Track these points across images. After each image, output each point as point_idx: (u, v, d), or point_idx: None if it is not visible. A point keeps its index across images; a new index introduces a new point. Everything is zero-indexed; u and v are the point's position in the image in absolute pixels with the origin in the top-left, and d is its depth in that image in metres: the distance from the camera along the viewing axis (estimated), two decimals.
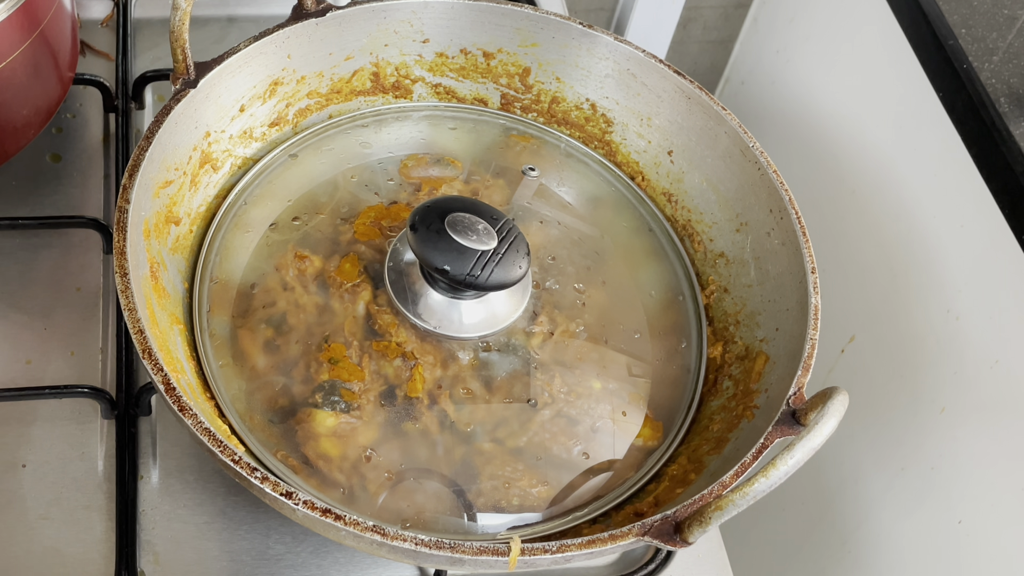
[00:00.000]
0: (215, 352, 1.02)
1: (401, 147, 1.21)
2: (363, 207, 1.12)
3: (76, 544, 0.98)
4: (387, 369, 1.01)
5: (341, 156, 1.19)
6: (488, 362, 1.05)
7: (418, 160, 1.20)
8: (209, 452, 0.82)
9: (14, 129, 1.11)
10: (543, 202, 1.18)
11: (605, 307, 1.12)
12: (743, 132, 1.11)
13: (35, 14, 1.07)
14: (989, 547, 1.30)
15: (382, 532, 0.80)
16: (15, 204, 1.18)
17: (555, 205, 1.18)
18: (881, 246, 1.51)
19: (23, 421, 1.04)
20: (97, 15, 1.38)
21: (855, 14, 1.61)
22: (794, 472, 0.79)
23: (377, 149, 1.20)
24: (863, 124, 1.58)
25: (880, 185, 1.52)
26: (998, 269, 1.28)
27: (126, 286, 0.88)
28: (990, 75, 1.29)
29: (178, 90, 1.03)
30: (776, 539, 1.76)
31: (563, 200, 1.19)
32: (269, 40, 1.10)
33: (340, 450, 0.98)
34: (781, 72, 1.85)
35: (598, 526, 0.98)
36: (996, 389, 1.28)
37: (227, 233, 1.10)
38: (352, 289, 1.05)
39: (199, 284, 1.05)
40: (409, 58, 1.21)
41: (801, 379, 0.93)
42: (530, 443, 1.01)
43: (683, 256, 1.17)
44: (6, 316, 1.10)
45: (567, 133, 1.24)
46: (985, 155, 1.27)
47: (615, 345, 1.10)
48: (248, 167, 1.14)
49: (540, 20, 1.18)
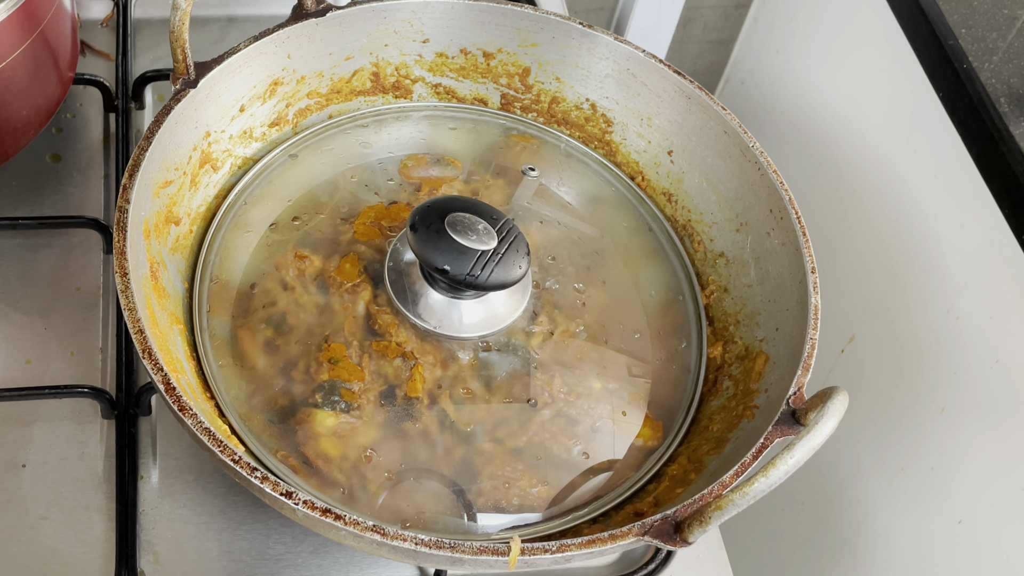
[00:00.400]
0: (215, 352, 1.02)
1: (401, 147, 1.21)
2: (363, 207, 1.12)
3: (76, 544, 0.98)
4: (387, 369, 1.01)
5: (341, 156, 1.19)
6: (488, 362, 1.05)
7: (418, 160, 1.20)
8: (209, 452, 0.82)
9: (14, 129, 1.11)
10: (543, 202, 1.18)
11: (605, 307, 1.12)
12: (743, 132, 1.11)
13: (35, 14, 1.07)
14: (989, 547, 1.31)
15: (382, 532, 0.80)
16: (15, 204, 1.18)
17: (555, 205, 1.18)
18: (881, 246, 1.51)
19: (23, 421, 1.04)
20: (97, 15, 1.38)
21: (855, 14, 1.61)
22: (794, 472, 0.78)
23: (377, 149, 1.20)
24: (863, 124, 1.58)
25: (880, 185, 1.52)
26: (998, 269, 1.28)
27: (126, 286, 0.88)
28: (990, 75, 1.29)
29: (178, 90, 1.03)
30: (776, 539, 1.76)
31: (563, 200, 1.19)
32: (269, 40, 1.10)
33: (340, 450, 0.98)
34: (781, 72, 1.85)
35: (598, 526, 0.98)
36: (996, 389, 1.28)
37: (227, 233, 1.10)
38: (352, 289, 1.05)
39: (199, 284, 1.05)
40: (409, 58, 1.21)
41: (801, 379, 0.93)
42: (530, 443, 1.01)
43: (683, 256, 1.17)
44: (6, 316, 1.10)
45: (567, 133, 1.24)
46: (985, 155, 1.27)
47: (615, 345, 1.09)
48: (248, 167, 1.14)
49: (540, 20, 1.18)
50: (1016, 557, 1.26)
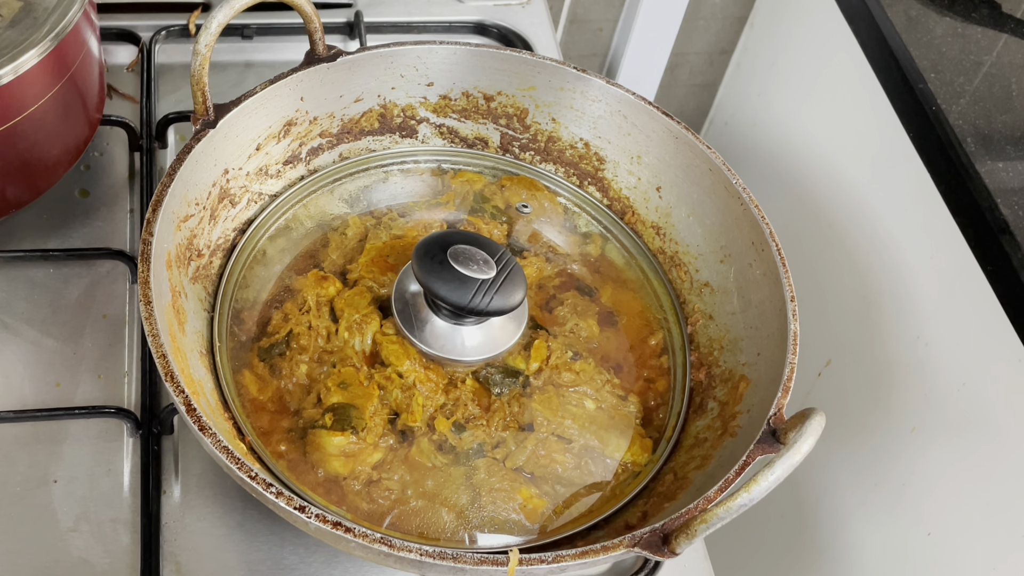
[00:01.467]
0: (233, 374, 1.03)
1: (407, 188, 1.21)
2: (371, 242, 1.13)
3: (103, 555, 0.98)
4: (393, 392, 1.02)
5: (351, 194, 1.19)
6: (487, 385, 1.05)
7: (422, 199, 1.20)
8: (227, 469, 0.82)
9: (45, 167, 1.12)
10: (538, 236, 1.18)
11: (597, 334, 1.13)
12: (727, 169, 1.11)
13: (65, 59, 1.07)
14: (956, 558, 1.31)
15: (389, 544, 0.80)
16: (46, 237, 1.19)
17: (550, 238, 1.19)
18: (856, 276, 1.51)
19: (54, 440, 1.04)
20: (123, 60, 1.38)
21: (831, 60, 1.62)
22: (774, 488, 0.79)
23: (385, 190, 1.21)
24: (839, 162, 1.58)
25: (855, 219, 1.53)
26: (965, 298, 1.28)
27: (150, 313, 0.88)
28: (958, 117, 1.30)
29: (198, 130, 1.03)
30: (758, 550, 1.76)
31: (557, 233, 1.20)
32: (283, 83, 1.10)
33: (348, 469, 0.98)
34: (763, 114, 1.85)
35: (591, 538, 0.98)
36: (963, 410, 1.28)
37: (245, 264, 1.10)
38: (361, 319, 1.06)
39: (219, 310, 1.05)
40: (414, 100, 1.21)
41: (781, 400, 0.93)
42: (527, 462, 1.01)
43: (670, 285, 1.17)
44: (38, 342, 1.11)
45: (562, 171, 1.24)
46: (953, 192, 1.27)
47: (607, 368, 1.10)
48: (265, 203, 1.14)
49: (536, 64, 1.19)
50: (981, 568, 1.26)
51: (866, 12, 1.48)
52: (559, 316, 1.13)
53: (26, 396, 1.07)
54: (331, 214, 1.18)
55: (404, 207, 1.19)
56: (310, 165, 1.18)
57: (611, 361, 1.11)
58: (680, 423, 1.07)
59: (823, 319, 1.59)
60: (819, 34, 1.66)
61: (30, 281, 1.15)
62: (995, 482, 1.24)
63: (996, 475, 1.24)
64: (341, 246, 1.14)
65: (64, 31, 1.04)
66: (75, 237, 1.19)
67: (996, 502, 1.24)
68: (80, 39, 1.10)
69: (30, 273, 1.16)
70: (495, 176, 1.24)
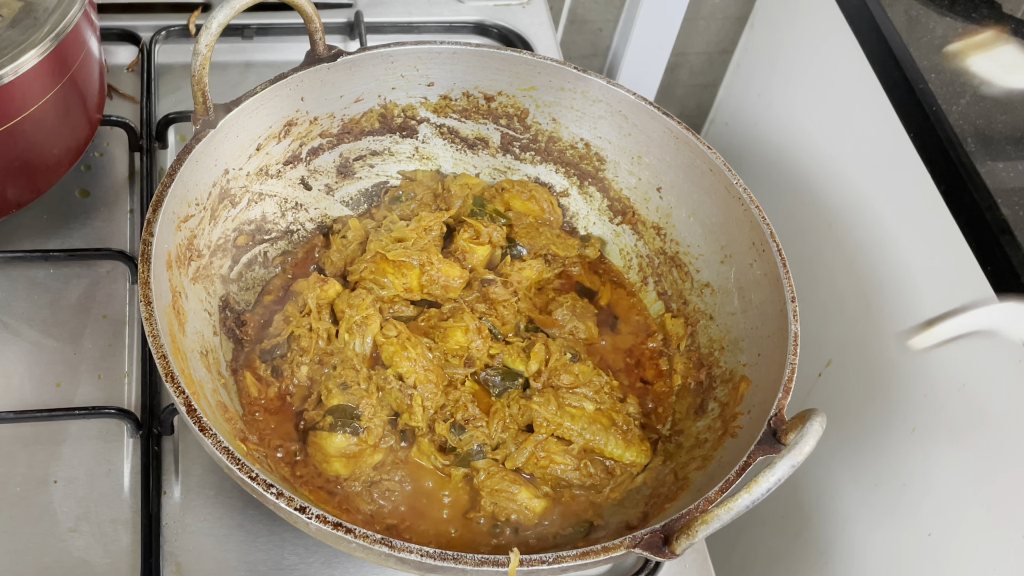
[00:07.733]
0: (233, 374, 1.03)
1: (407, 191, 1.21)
2: (372, 243, 1.13)
3: (104, 555, 0.98)
4: (393, 394, 1.02)
5: (352, 196, 1.19)
6: (488, 387, 1.05)
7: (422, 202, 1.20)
8: (228, 470, 0.82)
9: (46, 167, 1.12)
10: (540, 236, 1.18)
11: (597, 335, 1.13)
12: (727, 169, 1.11)
13: (65, 59, 1.07)
14: (957, 558, 1.30)
15: (390, 544, 0.80)
16: (47, 237, 1.19)
17: (550, 239, 1.19)
18: (856, 276, 1.51)
19: (54, 440, 1.04)
20: (123, 60, 1.38)
21: (832, 60, 1.62)
22: (775, 488, 0.79)
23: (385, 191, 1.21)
24: (839, 162, 1.58)
25: (855, 219, 1.52)
26: (965, 298, 1.28)
27: (150, 314, 0.88)
28: (958, 117, 1.30)
29: (199, 130, 1.03)
30: (758, 550, 1.76)
31: (556, 235, 1.20)
32: (283, 83, 1.10)
33: (349, 470, 0.98)
34: (763, 113, 1.85)
35: (591, 539, 0.98)
36: (963, 411, 1.28)
37: (245, 264, 1.10)
38: (362, 321, 1.05)
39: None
40: (415, 100, 1.21)
41: (782, 401, 0.93)
42: (527, 463, 1.01)
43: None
44: (38, 342, 1.11)
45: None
46: (953, 192, 1.27)
47: (607, 370, 1.10)
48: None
49: (537, 64, 1.18)
50: (981, 568, 1.26)
51: (866, 12, 1.48)
52: (558, 318, 1.12)
53: (26, 396, 1.07)
54: (331, 216, 1.18)
55: (404, 210, 1.19)
56: (310, 165, 1.18)
57: (611, 362, 1.11)
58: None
59: (823, 319, 1.58)
60: (819, 34, 1.66)
61: (30, 281, 1.15)
62: (995, 482, 1.24)
63: (996, 475, 1.24)
64: (342, 249, 1.14)
65: (64, 31, 1.04)
66: (75, 237, 1.19)
67: (996, 502, 1.24)
68: (80, 39, 1.10)
69: (30, 273, 1.16)
70: (494, 179, 1.24)
